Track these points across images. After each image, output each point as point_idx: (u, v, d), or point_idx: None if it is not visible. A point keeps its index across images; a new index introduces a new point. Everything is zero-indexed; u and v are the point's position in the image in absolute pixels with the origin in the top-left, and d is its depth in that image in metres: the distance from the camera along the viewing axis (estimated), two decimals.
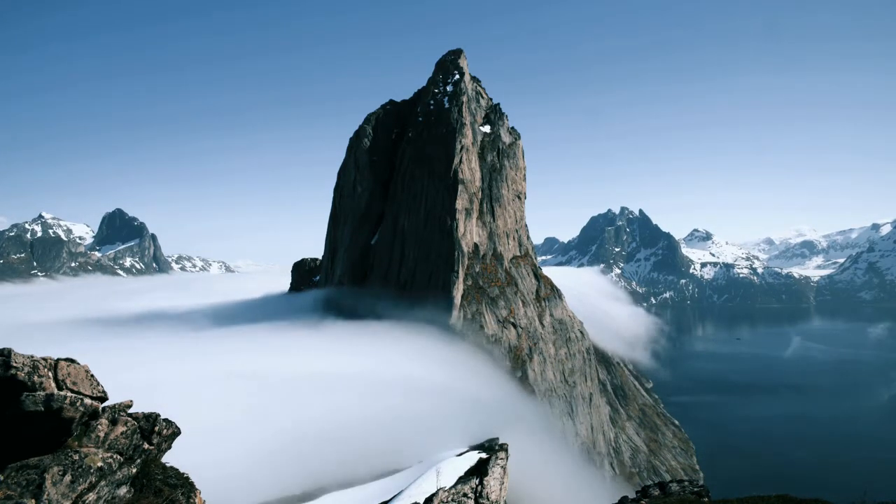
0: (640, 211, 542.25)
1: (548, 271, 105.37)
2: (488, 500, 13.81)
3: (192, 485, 9.58)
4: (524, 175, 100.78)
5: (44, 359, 7.70)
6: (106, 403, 8.59)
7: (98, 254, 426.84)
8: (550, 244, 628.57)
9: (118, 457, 8.18)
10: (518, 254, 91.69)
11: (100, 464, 7.70)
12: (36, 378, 7.37)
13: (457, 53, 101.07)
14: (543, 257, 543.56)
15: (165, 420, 9.51)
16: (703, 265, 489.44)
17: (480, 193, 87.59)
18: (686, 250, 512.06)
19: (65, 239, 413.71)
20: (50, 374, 7.62)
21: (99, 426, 8.13)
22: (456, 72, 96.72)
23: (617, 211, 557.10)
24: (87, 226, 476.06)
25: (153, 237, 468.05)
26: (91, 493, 7.44)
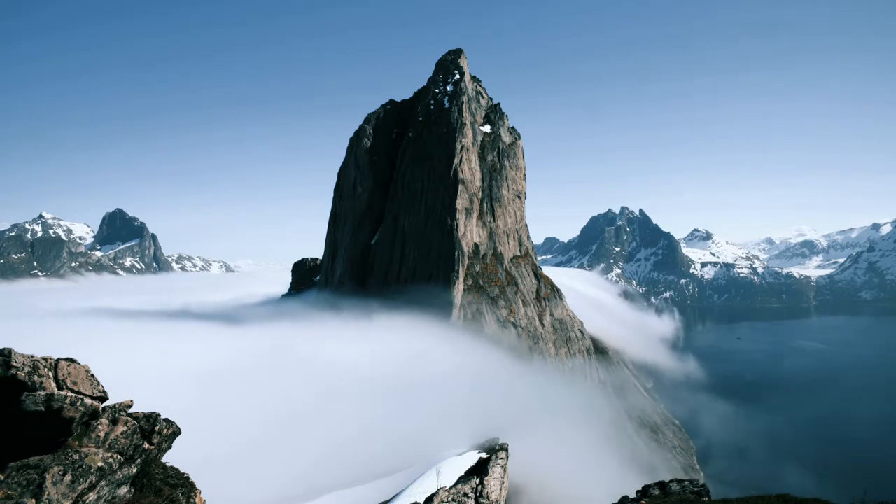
0: (641, 211, 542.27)
1: (548, 271, 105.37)
2: (488, 499, 13.81)
3: (192, 485, 9.57)
4: (524, 175, 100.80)
5: (44, 359, 7.70)
6: (106, 403, 8.60)
7: (98, 254, 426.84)
8: (550, 244, 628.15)
9: (118, 457, 8.18)
10: (518, 253, 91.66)
11: (100, 464, 7.70)
12: (36, 378, 7.38)
13: (457, 53, 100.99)
14: (543, 257, 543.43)
15: (166, 420, 9.51)
16: (704, 265, 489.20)
17: (480, 193, 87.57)
18: (686, 250, 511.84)
19: (65, 239, 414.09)
20: (50, 374, 7.62)
21: (99, 426, 8.13)
22: (456, 72, 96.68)
23: (617, 210, 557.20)
24: (88, 226, 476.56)
25: (153, 237, 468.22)
26: (91, 493, 7.44)
